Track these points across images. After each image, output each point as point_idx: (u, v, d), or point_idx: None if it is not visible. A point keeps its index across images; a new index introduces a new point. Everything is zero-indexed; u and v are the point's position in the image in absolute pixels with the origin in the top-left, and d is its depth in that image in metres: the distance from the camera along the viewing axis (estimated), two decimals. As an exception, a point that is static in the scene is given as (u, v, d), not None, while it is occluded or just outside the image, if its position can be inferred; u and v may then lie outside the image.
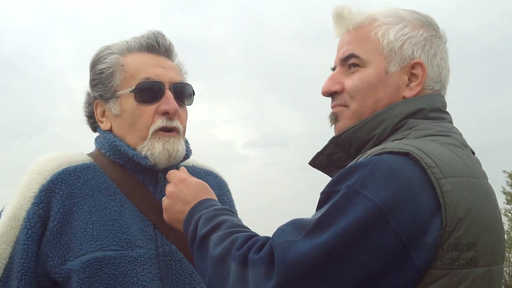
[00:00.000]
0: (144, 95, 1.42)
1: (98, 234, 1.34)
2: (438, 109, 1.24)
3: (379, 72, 1.25)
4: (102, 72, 1.45)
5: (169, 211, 1.36)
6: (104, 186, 1.42)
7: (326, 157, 1.30)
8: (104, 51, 1.48)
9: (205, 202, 1.32)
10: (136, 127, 1.43)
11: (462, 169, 1.06)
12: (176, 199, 1.35)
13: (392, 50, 1.24)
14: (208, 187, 1.41)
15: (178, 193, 1.36)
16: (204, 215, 1.25)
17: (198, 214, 1.27)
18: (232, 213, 1.29)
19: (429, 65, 1.25)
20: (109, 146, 1.45)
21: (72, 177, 1.39)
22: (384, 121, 1.20)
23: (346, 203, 0.99)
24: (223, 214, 1.25)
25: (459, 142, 1.17)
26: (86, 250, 1.31)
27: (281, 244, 1.01)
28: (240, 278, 1.05)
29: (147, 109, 1.42)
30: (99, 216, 1.36)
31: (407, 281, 0.98)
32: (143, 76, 1.43)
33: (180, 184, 1.37)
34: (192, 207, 1.31)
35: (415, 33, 1.25)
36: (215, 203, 1.33)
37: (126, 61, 1.45)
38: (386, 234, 0.95)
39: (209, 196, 1.36)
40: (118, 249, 1.34)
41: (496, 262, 1.08)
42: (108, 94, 1.45)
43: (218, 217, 1.23)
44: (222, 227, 1.19)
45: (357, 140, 1.23)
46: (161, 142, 1.42)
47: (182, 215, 1.32)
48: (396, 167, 1.00)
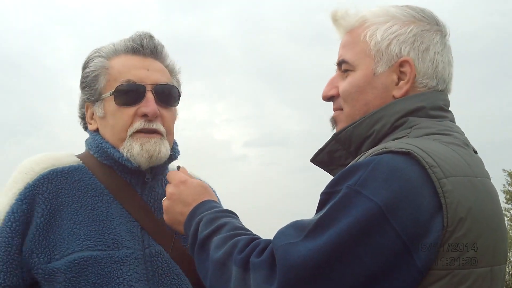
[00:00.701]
0: (124, 98, 1.43)
1: (85, 234, 1.35)
2: (439, 107, 1.23)
3: (366, 74, 1.25)
4: (88, 75, 1.49)
5: (169, 213, 1.36)
6: (92, 187, 1.43)
7: (328, 154, 1.30)
8: (92, 55, 1.52)
9: (206, 204, 1.31)
10: (115, 129, 1.45)
11: (463, 169, 1.06)
12: (176, 200, 1.35)
13: (379, 50, 1.24)
14: (208, 188, 1.40)
15: (178, 194, 1.35)
16: (205, 217, 1.25)
17: (199, 216, 1.27)
18: (233, 215, 1.28)
19: (419, 61, 1.22)
20: (96, 148, 1.48)
21: (59, 178, 1.41)
22: (383, 118, 1.20)
23: (346, 204, 0.99)
24: (224, 216, 1.25)
25: (461, 141, 1.16)
26: (73, 250, 1.32)
27: (282, 247, 1.00)
28: (241, 282, 1.05)
29: (127, 111, 1.43)
30: (86, 216, 1.38)
31: (409, 281, 0.97)
32: (124, 79, 1.44)
33: (180, 185, 1.37)
34: (192, 209, 1.31)
35: (404, 30, 1.23)
36: (216, 205, 1.32)
37: (111, 64, 1.48)
38: (387, 234, 0.95)
39: (209, 197, 1.36)
40: (105, 249, 1.35)
41: (498, 262, 1.07)
42: (95, 97, 1.48)
43: (219, 219, 1.23)
44: (223, 230, 1.19)
45: (357, 137, 1.23)
46: (139, 142, 1.42)
47: (183, 217, 1.32)
48: (397, 167, 1.00)
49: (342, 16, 1.32)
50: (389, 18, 1.25)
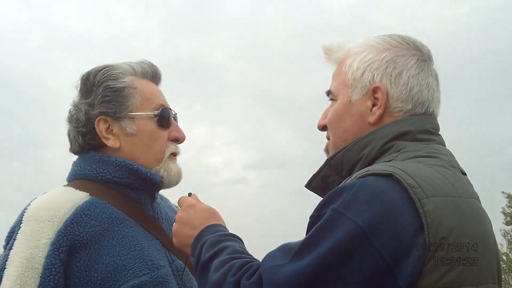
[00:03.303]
0: (163, 121, 1.54)
1: (128, 264, 1.36)
2: (427, 130, 1.24)
3: (344, 103, 1.31)
4: (117, 90, 1.49)
5: (177, 235, 1.39)
6: (113, 217, 1.43)
7: (322, 180, 1.33)
8: (113, 70, 1.51)
9: (211, 228, 1.34)
10: (153, 149, 1.51)
11: (446, 189, 1.07)
12: (184, 223, 1.39)
13: (355, 79, 1.29)
14: (216, 213, 1.44)
15: (186, 218, 1.39)
16: (208, 241, 1.27)
17: (204, 239, 1.30)
18: (236, 239, 1.30)
19: (392, 86, 1.25)
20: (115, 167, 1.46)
21: (83, 218, 1.38)
22: (372, 141, 1.23)
23: (330, 226, 1.01)
24: (227, 240, 1.27)
25: (446, 163, 1.17)
26: (123, 281, 1.33)
27: (268, 269, 1.04)
28: None
29: (163, 134, 1.54)
30: (121, 246, 1.39)
31: None
32: (158, 103, 1.54)
33: (189, 209, 1.42)
34: (199, 232, 1.33)
35: (378, 57, 1.27)
36: (222, 229, 1.35)
37: (137, 84, 1.53)
38: (370, 255, 0.97)
39: (216, 221, 1.39)
40: (148, 272, 1.38)
41: (484, 281, 1.07)
42: (122, 113, 1.49)
43: (221, 242, 1.25)
44: (223, 253, 1.21)
45: (348, 161, 1.26)
46: (173, 164, 1.55)
47: (190, 239, 1.35)
48: (379, 189, 1.02)
49: (331, 50, 1.39)
50: (366, 48, 1.30)
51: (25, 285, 1.26)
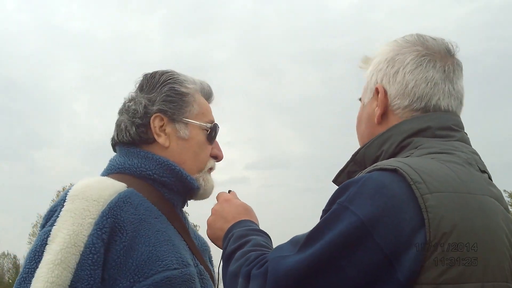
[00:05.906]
0: (212, 136, 1.61)
1: (162, 255, 1.40)
2: (447, 127, 1.23)
3: (361, 107, 1.40)
4: (181, 94, 1.56)
5: (211, 227, 1.47)
6: (150, 210, 1.47)
7: (348, 175, 1.34)
8: (179, 76, 1.60)
9: (242, 223, 1.39)
10: (198, 158, 1.58)
11: (454, 185, 1.06)
12: (218, 216, 1.46)
13: (367, 83, 1.35)
14: (250, 210, 1.49)
15: (220, 211, 1.47)
16: (236, 233, 1.33)
17: (232, 232, 1.36)
18: (262, 234, 1.34)
19: (390, 85, 1.27)
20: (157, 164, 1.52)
21: (126, 204, 1.41)
22: (390, 138, 1.24)
23: (334, 219, 1.04)
24: (253, 234, 1.32)
25: (462, 159, 1.15)
26: (156, 270, 1.37)
27: (274, 259, 1.08)
28: None
29: (208, 147, 1.61)
30: (156, 238, 1.42)
31: None
32: (211, 118, 1.63)
33: (224, 203, 1.49)
34: (230, 226, 1.39)
35: (382, 59, 1.32)
36: (251, 224, 1.39)
37: (197, 96, 1.62)
38: (370, 248, 0.98)
39: (248, 217, 1.43)
40: (178, 267, 1.41)
41: (492, 279, 1.04)
42: (179, 116, 1.55)
43: (247, 236, 1.31)
44: (246, 246, 1.26)
45: (369, 157, 1.28)
46: (210, 178, 1.62)
47: (222, 232, 1.41)
48: (383, 183, 1.03)
49: (365, 61, 1.43)
50: (380, 52, 1.35)
51: (66, 260, 1.27)
